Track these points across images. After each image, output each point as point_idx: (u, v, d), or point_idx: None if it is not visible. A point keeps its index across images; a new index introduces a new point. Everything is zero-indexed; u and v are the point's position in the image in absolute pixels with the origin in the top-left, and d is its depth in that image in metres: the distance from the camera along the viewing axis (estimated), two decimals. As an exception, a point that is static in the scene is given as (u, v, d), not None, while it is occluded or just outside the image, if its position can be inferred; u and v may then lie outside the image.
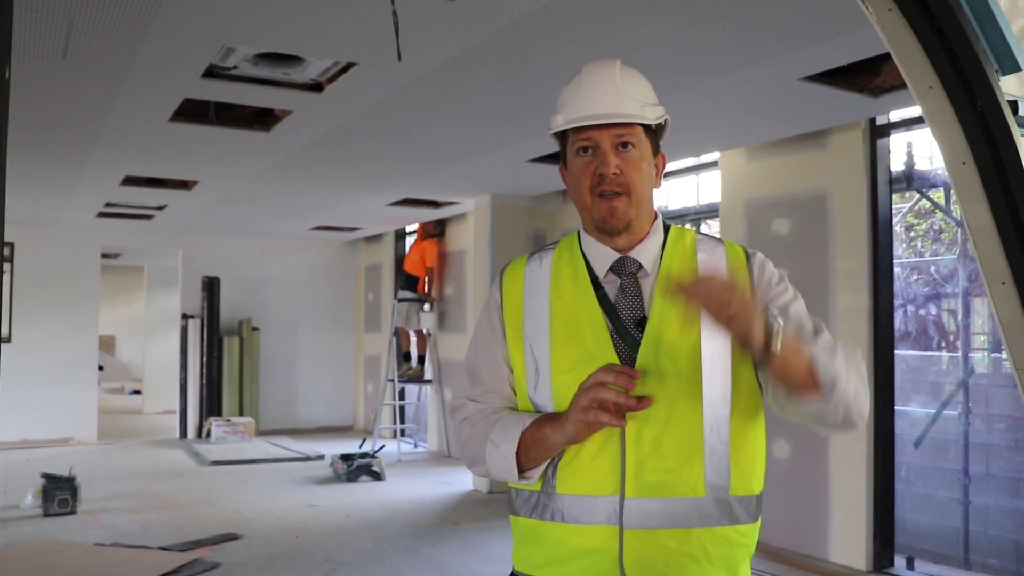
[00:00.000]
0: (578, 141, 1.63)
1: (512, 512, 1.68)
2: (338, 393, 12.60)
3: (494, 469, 1.62)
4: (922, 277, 6.62)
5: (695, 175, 7.41)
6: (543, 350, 1.62)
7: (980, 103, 1.98)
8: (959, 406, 5.59)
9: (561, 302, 1.64)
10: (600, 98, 1.62)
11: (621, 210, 1.61)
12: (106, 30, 3.66)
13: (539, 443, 1.55)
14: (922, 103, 2.03)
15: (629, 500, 1.52)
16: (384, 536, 6.30)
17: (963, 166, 2.00)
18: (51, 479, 6.92)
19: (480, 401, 1.72)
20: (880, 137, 5.46)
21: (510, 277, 1.74)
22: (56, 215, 9.70)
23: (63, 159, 6.44)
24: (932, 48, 2.02)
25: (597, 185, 1.61)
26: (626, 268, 1.65)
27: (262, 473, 8.90)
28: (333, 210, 9.30)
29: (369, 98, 4.73)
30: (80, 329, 11.15)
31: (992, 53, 2.04)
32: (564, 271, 1.68)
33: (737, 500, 1.56)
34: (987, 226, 1.97)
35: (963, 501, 5.51)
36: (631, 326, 1.59)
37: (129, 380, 18.37)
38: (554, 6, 3.37)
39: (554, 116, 1.68)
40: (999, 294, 1.93)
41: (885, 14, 2.04)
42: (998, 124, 1.96)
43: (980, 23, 2.03)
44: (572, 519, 1.55)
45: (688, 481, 1.52)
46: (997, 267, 1.95)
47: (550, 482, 1.59)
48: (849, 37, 3.68)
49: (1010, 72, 2.08)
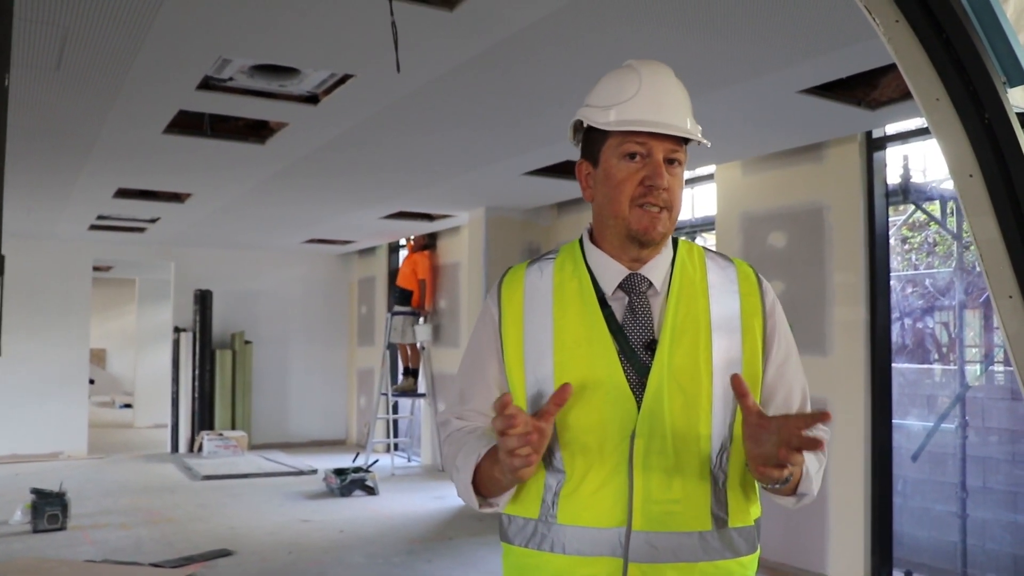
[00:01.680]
0: (629, 144, 1.51)
1: (504, 539, 1.59)
2: (331, 407, 12.53)
3: (460, 494, 1.56)
4: (917, 290, 6.62)
5: (691, 188, 7.40)
6: (546, 372, 1.52)
7: (988, 115, 1.96)
8: (956, 419, 5.58)
9: (565, 320, 1.54)
10: (664, 105, 1.52)
11: (663, 223, 1.52)
12: (101, 41, 3.63)
13: (493, 481, 1.49)
14: (929, 115, 2.02)
15: (636, 533, 1.45)
16: (378, 552, 6.24)
17: (970, 179, 1.98)
18: (41, 495, 6.83)
19: (464, 419, 1.63)
20: (876, 150, 5.46)
21: (509, 289, 1.62)
22: (48, 227, 9.64)
23: (56, 171, 6.39)
24: (939, 60, 2.01)
25: (643, 195, 1.51)
26: (636, 286, 1.55)
27: (255, 488, 8.82)
28: (327, 223, 9.27)
29: (365, 111, 4.71)
30: (71, 342, 11.07)
31: (1000, 65, 2.03)
32: (568, 285, 1.57)
33: (736, 532, 1.51)
34: (994, 239, 1.95)
35: (961, 515, 5.49)
36: (640, 349, 1.51)
37: (120, 394, 18.24)
38: (552, 18, 3.35)
39: (596, 109, 1.55)
40: (1006, 308, 1.91)
41: (892, 26, 2.03)
42: (1005, 136, 1.94)
43: (988, 35, 2.02)
44: (574, 551, 1.47)
45: (695, 513, 1.47)
46: (1004, 280, 1.93)
47: (551, 511, 1.50)
48: (847, 50, 3.68)
49: (1018, 84, 2.06)
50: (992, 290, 1.93)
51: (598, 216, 1.60)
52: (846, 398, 5.44)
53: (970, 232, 1.96)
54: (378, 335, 11.48)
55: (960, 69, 1.98)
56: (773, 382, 1.57)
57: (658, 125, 1.50)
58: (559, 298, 1.57)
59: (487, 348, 1.62)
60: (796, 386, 1.59)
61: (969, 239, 4.06)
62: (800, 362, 1.62)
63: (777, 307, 1.60)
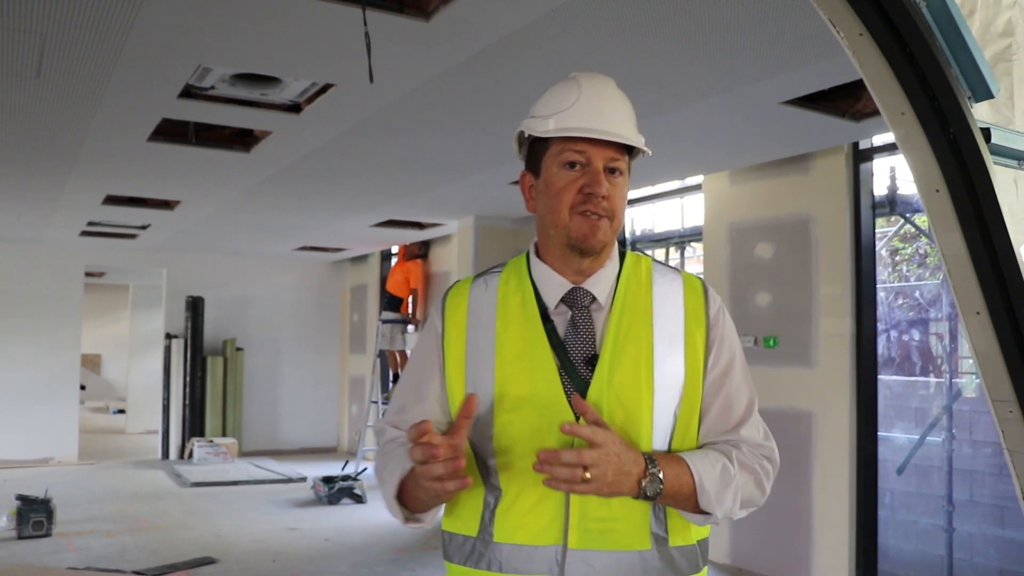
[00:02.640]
0: (568, 153, 1.51)
1: (446, 557, 1.57)
2: (322, 414, 12.50)
3: (386, 506, 1.54)
4: (907, 301, 6.61)
5: (680, 198, 7.40)
6: (486, 386, 1.50)
7: (952, 130, 1.95)
8: (943, 432, 5.56)
9: (507, 335, 1.53)
10: (603, 113, 1.52)
11: (603, 231, 1.51)
12: (79, 49, 3.62)
13: (417, 499, 1.48)
14: (895, 129, 2.01)
15: (572, 551, 1.43)
16: (363, 561, 6.21)
17: (936, 193, 1.97)
18: (26, 501, 6.80)
19: (400, 428, 1.60)
20: (863, 161, 5.46)
21: (453, 302, 1.61)
22: (39, 233, 9.63)
23: (43, 177, 6.38)
24: (904, 74, 1.99)
25: (582, 203, 1.50)
26: (578, 300, 1.54)
27: (243, 495, 8.79)
28: (317, 230, 9.26)
29: (348, 119, 4.70)
30: (62, 347, 11.04)
31: (964, 80, 2.02)
32: (512, 299, 1.56)
33: (678, 551, 1.48)
34: (961, 255, 1.94)
35: (947, 528, 5.47)
36: (580, 364, 1.49)
37: (114, 399, 18.22)
38: (530, 29, 3.34)
39: (537, 119, 1.55)
40: (974, 324, 1.90)
41: (856, 39, 2.02)
42: (970, 151, 1.93)
43: (952, 49, 2.01)
44: (511, 569, 1.45)
45: (634, 532, 1.45)
46: (971, 296, 1.91)
47: (487, 529, 1.49)
48: (829, 62, 3.67)
49: (982, 99, 2.06)
50: (960, 306, 1.92)
51: (541, 227, 1.59)
52: (832, 410, 5.42)
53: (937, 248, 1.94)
54: (370, 343, 11.45)
55: (924, 83, 1.96)
56: (711, 392, 1.54)
57: (595, 131, 1.49)
58: (502, 312, 1.55)
59: (429, 361, 1.60)
60: (738, 397, 1.55)
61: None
62: (748, 374, 1.59)
63: (723, 318, 1.58)
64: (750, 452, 1.52)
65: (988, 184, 1.90)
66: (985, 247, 1.91)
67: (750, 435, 1.54)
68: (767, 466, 1.53)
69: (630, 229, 7.64)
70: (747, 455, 1.51)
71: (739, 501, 1.47)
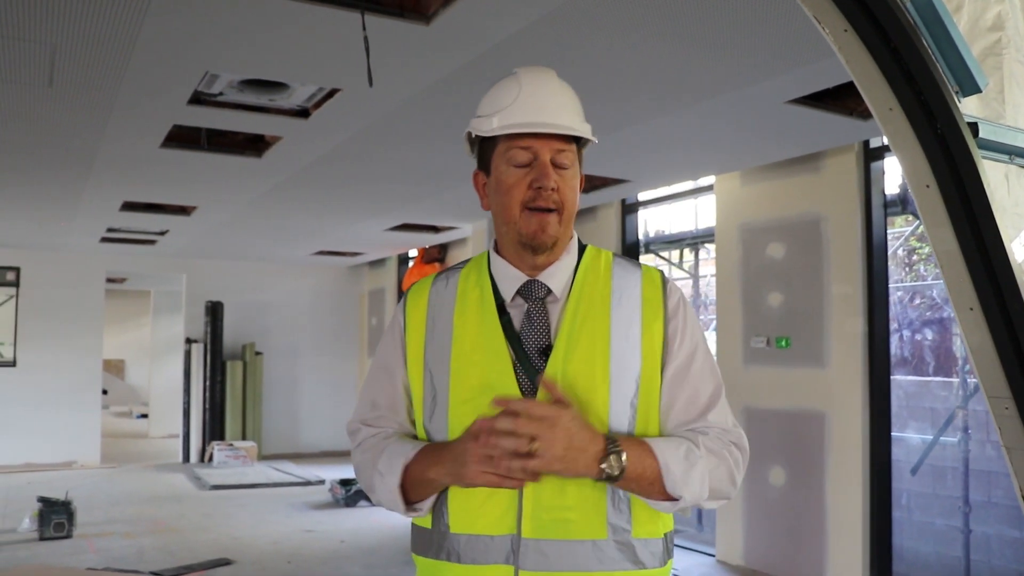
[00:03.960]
0: (514, 149, 1.52)
1: (414, 551, 1.59)
2: (341, 417, 12.52)
3: (383, 500, 1.54)
4: (924, 301, 6.56)
5: (693, 199, 7.39)
6: (442, 378, 1.53)
7: (940, 125, 1.94)
8: (958, 432, 5.51)
9: (464, 328, 1.55)
10: (545, 106, 1.52)
11: (552, 226, 1.52)
12: (89, 58, 3.68)
13: (425, 483, 1.49)
14: (883, 125, 2.00)
15: (525, 540, 1.44)
16: (377, 563, 6.25)
17: (927, 189, 1.96)
18: (47, 503, 6.91)
19: (374, 426, 1.62)
20: (874, 160, 5.43)
21: (414, 299, 1.64)
22: (60, 239, 9.77)
23: (61, 184, 6.48)
24: (889, 70, 1.99)
25: (532, 199, 1.51)
26: (534, 292, 1.56)
27: (261, 498, 8.87)
28: (333, 235, 9.32)
29: (356, 123, 4.74)
30: (84, 353, 11.19)
31: (951, 74, 2.02)
32: (470, 294, 1.59)
33: (641, 543, 1.48)
34: (952, 251, 1.94)
35: (963, 530, 5.42)
36: (535, 355, 1.51)
37: (138, 404, 18.41)
38: (531, 31, 3.36)
39: (482, 118, 1.57)
40: (968, 320, 1.89)
41: (841, 35, 2.02)
42: (958, 146, 1.93)
43: (938, 44, 2.01)
44: (468, 559, 1.46)
45: (587, 522, 1.45)
46: (965, 292, 1.91)
47: (443, 520, 1.50)
48: (830, 61, 3.66)
49: (970, 93, 2.05)
50: (953, 302, 1.91)
51: (496, 225, 1.62)
52: (844, 410, 5.39)
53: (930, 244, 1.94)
54: (388, 346, 11.49)
55: (910, 79, 1.96)
56: (672, 385, 1.54)
57: (537, 125, 1.51)
58: (460, 306, 1.58)
59: (393, 356, 1.63)
60: (703, 387, 1.55)
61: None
62: (713, 364, 1.59)
63: (683, 310, 1.58)
64: (717, 438, 1.51)
65: (977, 179, 1.89)
66: (976, 243, 1.90)
67: (717, 420, 1.54)
68: (736, 453, 1.52)
69: (643, 230, 7.64)
70: (714, 440, 1.50)
71: (707, 486, 1.46)
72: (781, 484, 5.71)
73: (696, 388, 1.55)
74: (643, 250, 7.62)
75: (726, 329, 6.25)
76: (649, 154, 5.33)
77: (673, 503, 1.46)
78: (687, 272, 7.88)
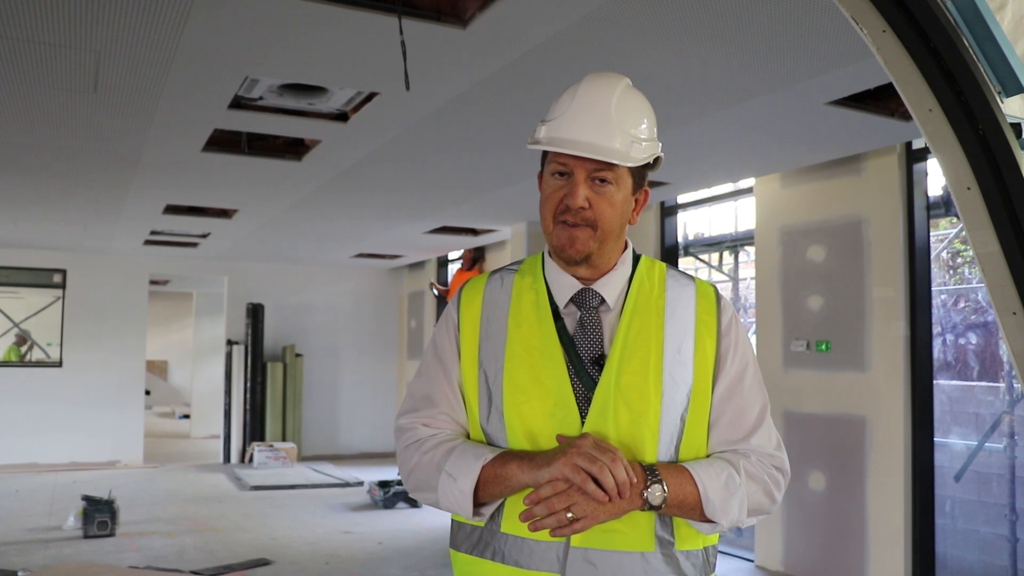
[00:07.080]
0: (554, 164, 1.53)
1: (452, 546, 1.59)
2: (380, 419, 12.64)
3: (445, 501, 1.51)
4: (969, 304, 6.44)
5: (733, 201, 7.33)
6: (497, 378, 1.53)
7: (982, 126, 1.91)
8: (1004, 438, 5.40)
9: (519, 330, 1.55)
10: (587, 125, 1.49)
11: (581, 241, 1.51)
12: (133, 63, 3.75)
13: (501, 480, 1.44)
14: (923, 127, 1.98)
15: (574, 549, 1.44)
16: (415, 564, 6.27)
17: (968, 191, 1.93)
18: (91, 501, 7.05)
19: (431, 425, 1.59)
20: (917, 162, 5.35)
21: (468, 297, 1.63)
22: (105, 242, 9.95)
23: (106, 188, 6.60)
24: (929, 71, 1.96)
25: (561, 213, 1.51)
26: (587, 301, 1.56)
27: (301, 499, 8.95)
28: (372, 238, 9.39)
29: (394, 127, 4.77)
30: (128, 354, 11.39)
31: (994, 74, 1.98)
32: (525, 296, 1.58)
33: (684, 555, 1.48)
34: (994, 253, 1.90)
35: (1010, 538, 5.31)
36: (588, 364, 1.50)
37: (180, 405, 18.68)
38: (567, 34, 3.36)
39: (541, 124, 1.56)
40: (1010, 324, 1.86)
41: (880, 36, 2.00)
42: (1001, 148, 1.89)
43: (980, 44, 1.97)
44: (513, 561, 1.47)
45: (637, 534, 1.45)
46: (1007, 296, 1.88)
47: (496, 519, 1.50)
48: (872, 61, 3.61)
49: (1013, 93, 2.01)
50: (995, 306, 1.88)
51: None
52: (886, 415, 5.31)
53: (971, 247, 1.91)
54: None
55: (951, 80, 1.93)
56: (721, 402, 1.54)
57: (575, 145, 1.48)
58: (515, 308, 1.58)
59: (449, 353, 1.62)
60: (750, 407, 1.55)
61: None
62: (761, 383, 1.59)
63: (735, 328, 1.58)
64: (759, 462, 1.52)
65: (1020, 181, 1.86)
66: (1020, 245, 1.87)
67: (760, 444, 1.54)
68: (776, 475, 1.53)
69: (683, 233, 7.59)
70: (755, 465, 1.51)
71: (746, 510, 1.47)
72: (821, 489, 5.64)
73: (743, 407, 1.55)
74: (682, 253, 7.57)
75: (766, 332, 6.19)
76: (689, 157, 5.30)
77: (712, 525, 1.47)
78: (726, 275, 7.82)
